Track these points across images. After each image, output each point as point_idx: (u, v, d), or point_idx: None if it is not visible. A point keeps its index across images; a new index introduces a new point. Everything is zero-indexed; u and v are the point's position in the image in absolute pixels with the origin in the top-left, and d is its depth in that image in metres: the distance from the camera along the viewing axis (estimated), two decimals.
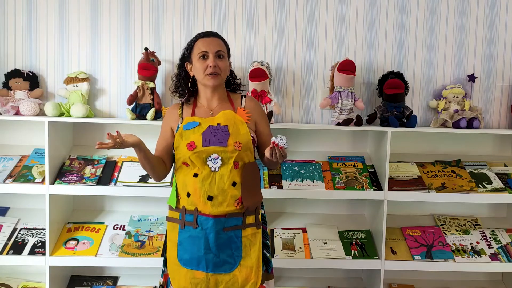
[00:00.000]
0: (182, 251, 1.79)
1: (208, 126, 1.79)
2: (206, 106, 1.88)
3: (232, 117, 1.81)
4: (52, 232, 2.49)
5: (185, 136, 1.78)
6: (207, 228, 1.75)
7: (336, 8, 2.75)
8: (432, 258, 2.54)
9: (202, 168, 1.76)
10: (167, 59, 2.74)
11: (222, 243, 1.76)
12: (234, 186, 1.76)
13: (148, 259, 2.47)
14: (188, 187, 1.78)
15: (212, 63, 1.78)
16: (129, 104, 2.60)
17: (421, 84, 2.81)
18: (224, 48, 1.85)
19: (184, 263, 1.79)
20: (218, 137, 1.76)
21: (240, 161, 1.78)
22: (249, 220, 1.80)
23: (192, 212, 1.77)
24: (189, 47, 1.87)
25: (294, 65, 2.76)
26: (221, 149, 1.75)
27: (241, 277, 1.77)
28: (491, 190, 2.59)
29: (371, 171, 2.67)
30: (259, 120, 1.91)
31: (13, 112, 2.55)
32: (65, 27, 2.72)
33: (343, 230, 2.69)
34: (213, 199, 1.74)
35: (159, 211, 2.73)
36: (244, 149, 1.77)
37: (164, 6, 2.72)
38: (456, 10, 2.78)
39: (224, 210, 1.75)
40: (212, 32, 1.88)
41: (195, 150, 1.75)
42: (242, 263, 1.78)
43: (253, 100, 1.95)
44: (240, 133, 1.78)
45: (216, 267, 1.76)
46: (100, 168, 2.58)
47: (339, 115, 2.60)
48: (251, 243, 1.80)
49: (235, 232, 1.77)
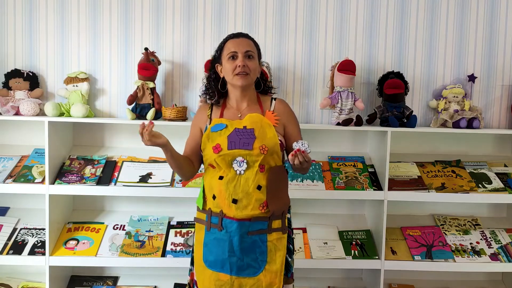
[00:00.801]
0: (208, 253, 1.79)
1: (234, 129, 1.78)
2: (235, 107, 1.88)
3: (259, 120, 1.80)
4: (52, 232, 2.49)
5: (212, 138, 1.78)
6: (232, 231, 1.74)
7: (336, 8, 2.75)
8: (432, 258, 2.54)
9: (228, 171, 1.76)
10: (167, 59, 2.74)
11: (246, 247, 1.75)
12: (259, 189, 1.75)
13: (148, 259, 2.47)
14: (214, 189, 1.79)
15: (241, 63, 1.78)
16: (129, 104, 2.60)
17: (421, 84, 2.81)
18: (253, 48, 1.85)
19: (209, 265, 1.79)
20: (243, 140, 1.75)
21: (266, 165, 1.77)
22: (275, 225, 1.78)
23: (218, 215, 1.77)
24: (219, 49, 1.87)
25: (294, 65, 2.76)
26: (246, 152, 1.74)
27: (266, 282, 1.76)
28: (491, 190, 2.59)
29: (371, 171, 2.67)
30: (288, 123, 1.89)
31: (13, 112, 2.55)
32: (65, 27, 2.72)
33: (343, 230, 2.69)
34: (238, 202, 1.73)
35: (159, 211, 2.73)
36: (270, 152, 1.76)
37: (164, 6, 2.72)
38: (456, 10, 2.78)
39: (248, 214, 1.74)
40: (242, 33, 1.88)
41: (220, 153, 1.75)
42: (267, 267, 1.76)
43: (283, 103, 1.93)
44: (266, 136, 1.77)
45: (240, 270, 1.75)
46: (100, 168, 2.58)
47: (339, 115, 2.60)
48: (276, 248, 1.78)
49: (260, 237, 1.76)
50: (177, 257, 2.48)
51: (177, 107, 2.54)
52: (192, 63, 2.75)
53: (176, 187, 2.50)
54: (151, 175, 2.55)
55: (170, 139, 1.77)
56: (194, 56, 2.74)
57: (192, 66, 2.75)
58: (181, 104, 2.76)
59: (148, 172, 2.58)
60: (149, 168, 2.60)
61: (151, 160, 2.66)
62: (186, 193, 2.51)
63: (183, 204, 2.73)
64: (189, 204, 2.74)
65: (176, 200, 2.73)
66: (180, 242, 2.55)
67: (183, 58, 2.74)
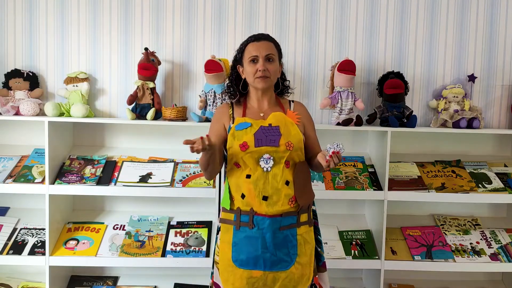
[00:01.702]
0: (237, 252, 1.80)
1: (260, 127, 1.82)
2: (257, 107, 1.91)
3: (282, 118, 1.85)
4: (52, 232, 2.49)
5: (238, 137, 1.81)
6: (264, 228, 1.77)
7: (336, 8, 2.75)
8: (432, 258, 2.54)
9: (254, 169, 1.79)
10: (167, 59, 2.74)
11: (279, 242, 1.78)
12: (288, 185, 1.79)
13: (148, 259, 2.46)
14: (242, 189, 1.81)
15: (262, 67, 1.82)
16: (129, 104, 2.60)
17: (421, 84, 2.81)
18: (274, 51, 1.87)
19: (240, 264, 1.80)
20: (270, 137, 1.79)
21: (291, 161, 1.81)
22: (303, 218, 1.83)
23: (248, 213, 1.79)
24: (241, 51, 1.90)
25: (294, 65, 2.76)
26: (273, 149, 1.78)
27: (297, 274, 1.80)
28: (491, 190, 2.59)
29: (371, 171, 2.67)
30: (308, 124, 1.94)
31: (13, 112, 2.55)
32: (65, 27, 2.72)
33: (343, 230, 2.69)
34: (268, 199, 1.77)
35: (159, 211, 2.73)
36: (295, 149, 1.80)
37: (164, 6, 2.72)
38: (456, 10, 2.78)
39: (279, 209, 1.77)
40: (264, 35, 1.90)
41: (247, 150, 1.78)
42: (298, 260, 1.80)
43: (301, 106, 1.99)
44: (291, 133, 1.82)
45: (273, 265, 1.78)
46: (100, 168, 2.58)
47: (339, 115, 2.60)
48: (305, 241, 1.83)
49: (291, 231, 1.80)
50: (177, 257, 2.48)
51: (177, 107, 2.54)
52: (192, 63, 2.75)
53: (176, 187, 2.50)
54: (151, 175, 2.55)
55: (170, 139, 1.77)
56: (194, 56, 2.74)
57: (192, 66, 2.75)
58: (181, 104, 2.76)
59: (148, 172, 2.58)
60: (149, 168, 2.60)
61: (151, 160, 2.66)
62: (186, 193, 2.51)
63: (183, 204, 2.74)
64: (189, 204, 2.74)
65: (176, 200, 2.73)
66: (180, 242, 2.55)
67: (183, 58, 2.74)
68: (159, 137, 2.75)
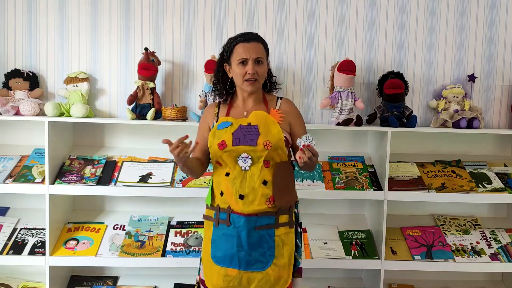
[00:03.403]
0: (215, 249, 1.82)
1: (239, 126, 1.81)
2: (242, 106, 1.91)
3: (263, 117, 1.83)
4: (52, 232, 2.49)
5: (217, 136, 1.82)
6: (239, 226, 1.78)
7: (336, 8, 2.75)
8: (432, 258, 2.54)
9: (233, 168, 1.80)
10: (167, 59, 2.74)
11: (254, 242, 1.78)
12: (265, 184, 1.78)
13: (148, 259, 2.47)
14: (221, 186, 1.82)
15: (251, 70, 1.80)
16: (129, 104, 2.60)
17: (421, 84, 2.81)
18: (263, 53, 1.85)
19: (217, 261, 1.81)
20: (248, 136, 1.79)
21: (271, 160, 1.80)
22: (282, 219, 1.81)
23: (226, 210, 1.80)
24: (229, 50, 1.86)
25: (294, 65, 2.76)
26: (251, 148, 1.77)
27: (274, 276, 1.79)
28: (491, 190, 2.59)
29: (371, 171, 2.67)
30: (294, 122, 1.91)
31: (13, 112, 2.55)
32: (65, 27, 2.72)
33: (343, 230, 2.69)
34: (244, 198, 1.77)
35: (159, 211, 2.73)
36: (274, 148, 1.78)
37: (164, 6, 2.72)
38: (456, 10, 2.78)
39: (255, 209, 1.77)
40: (253, 35, 1.87)
41: (225, 149, 1.78)
42: (275, 262, 1.79)
43: (288, 103, 1.95)
44: (271, 132, 1.80)
45: (248, 265, 1.78)
46: (100, 168, 2.58)
47: (339, 115, 2.60)
48: (283, 243, 1.81)
49: (268, 231, 1.79)
50: (177, 257, 2.48)
51: (177, 107, 2.54)
52: (192, 63, 2.75)
53: (176, 187, 2.50)
54: (151, 175, 2.55)
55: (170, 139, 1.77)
56: (194, 56, 2.74)
57: (192, 66, 2.75)
58: (181, 104, 2.76)
59: (148, 172, 2.58)
60: (149, 168, 2.60)
61: (151, 160, 2.66)
62: (186, 193, 2.51)
63: (183, 204, 2.74)
64: (189, 204, 2.74)
65: (176, 200, 2.73)
66: (180, 242, 2.55)
67: (183, 58, 2.74)
68: (159, 137, 2.69)
